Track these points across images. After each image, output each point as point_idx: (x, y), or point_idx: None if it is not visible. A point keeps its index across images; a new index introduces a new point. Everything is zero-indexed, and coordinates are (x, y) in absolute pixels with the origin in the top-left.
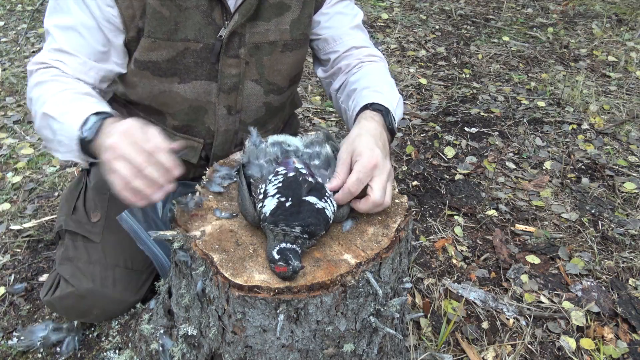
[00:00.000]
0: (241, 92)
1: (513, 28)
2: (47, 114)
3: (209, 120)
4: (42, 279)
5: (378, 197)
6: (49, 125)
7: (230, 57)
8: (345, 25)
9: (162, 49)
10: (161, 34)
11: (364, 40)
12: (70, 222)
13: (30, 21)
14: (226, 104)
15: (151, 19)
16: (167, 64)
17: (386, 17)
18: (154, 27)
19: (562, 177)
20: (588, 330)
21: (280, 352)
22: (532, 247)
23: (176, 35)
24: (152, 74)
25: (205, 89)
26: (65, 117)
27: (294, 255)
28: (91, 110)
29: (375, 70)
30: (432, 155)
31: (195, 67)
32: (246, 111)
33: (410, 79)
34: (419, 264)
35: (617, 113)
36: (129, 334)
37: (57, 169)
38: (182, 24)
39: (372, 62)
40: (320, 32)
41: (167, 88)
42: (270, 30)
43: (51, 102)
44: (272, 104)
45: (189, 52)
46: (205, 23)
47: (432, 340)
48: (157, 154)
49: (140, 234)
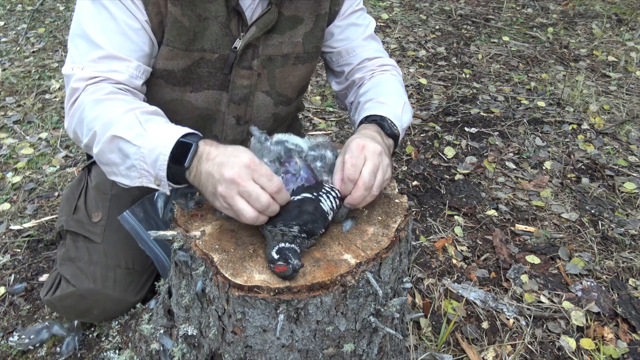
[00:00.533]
0: (251, 103)
1: (513, 28)
2: (118, 136)
3: (217, 129)
4: (42, 279)
5: (366, 178)
6: (119, 148)
7: (243, 69)
8: (358, 36)
9: (179, 59)
10: (180, 44)
11: (377, 51)
12: (71, 222)
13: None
14: (235, 114)
15: (172, 27)
16: (183, 73)
17: (386, 17)
18: (173, 37)
19: (562, 177)
20: (588, 330)
21: (280, 352)
22: (532, 247)
23: (194, 45)
24: (166, 82)
25: (216, 98)
26: (141, 140)
27: (293, 254)
28: (177, 134)
29: (384, 81)
30: (432, 155)
31: (208, 77)
32: (255, 122)
33: (410, 79)
34: (419, 264)
35: (617, 113)
36: (129, 334)
37: (57, 169)
38: (200, 34)
39: (383, 73)
40: (333, 44)
41: (178, 96)
42: (284, 43)
43: (120, 124)
44: (280, 115)
45: (204, 62)
46: (223, 34)
47: (432, 340)
48: (280, 195)
49: (141, 233)
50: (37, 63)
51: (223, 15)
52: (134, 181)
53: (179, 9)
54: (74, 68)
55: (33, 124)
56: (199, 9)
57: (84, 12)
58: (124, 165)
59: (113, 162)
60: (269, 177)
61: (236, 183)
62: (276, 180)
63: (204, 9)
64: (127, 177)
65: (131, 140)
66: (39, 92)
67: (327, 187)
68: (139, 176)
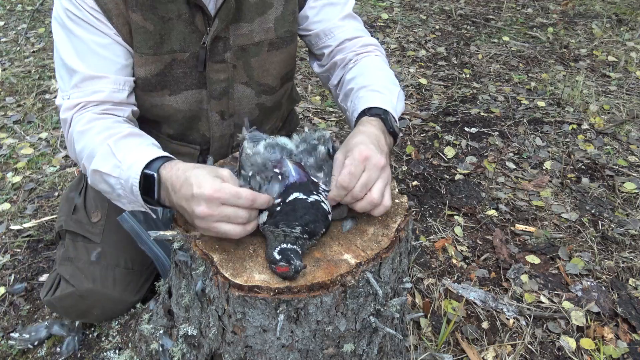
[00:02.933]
0: (232, 96)
1: (513, 28)
2: (98, 170)
3: (203, 127)
4: (42, 279)
5: (376, 197)
6: (104, 180)
7: (217, 63)
8: (335, 16)
9: (150, 64)
10: (147, 49)
11: (356, 30)
12: (70, 222)
13: (30, 21)
14: (218, 110)
15: (136, 34)
16: (156, 78)
17: (386, 17)
18: (140, 43)
19: (562, 177)
20: (588, 330)
21: (280, 352)
22: (532, 247)
23: (162, 48)
24: (142, 90)
25: (196, 97)
26: (118, 172)
27: (295, 256)
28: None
29: (372, 65)
30: (432, 155)
31: (184, 78)
32: (239, 114)
33: (410, 79)
34: (419, 264)
35: (617, 113)
36: (129, 334)
37: (57, 169)
38: (167, 35)
39: (367, 55)
40: (310, 27)
41: (158, 102)
42: (255, 31)
43: (98, 157)
44: (265, 105)
45: (177, 63)
46: (189, 31)
47: (432, 340)
48: (257, 203)
49: (141, 234)
50: (37, 63)
51: (186, 13)
52: (127, 207)
53: (140, 14)
54: (63, 97)
55: (33, 124)
56: (161, 11)
57: (57, 40)
58: (114, 194)
59: (105, 191)
60: (237, 195)
61: (209, 215)
62: (245, 195)
63: (165, 10)
64: (121, 203)
65: (110, 173)
66: (39, 92)
67: (323, 186)
68: (128, 202)
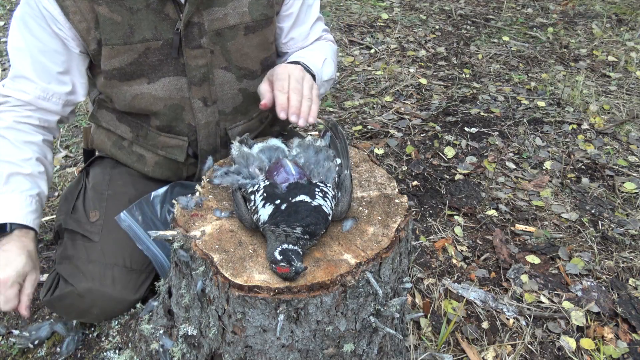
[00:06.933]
0: (213, 82)
1: (513, 28)
2: None
3: (188, 116)
4: (42, 279)
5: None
6: None
7: (194, 48)
8: (304, 34)
9: (122, 54)
10: (117, 40)
11: (320, 32)
12: (69, 221)
13: None
14: (200, 96)
15: (104, 26)
16: (131, 67)
17: (386, 17)
18: (108, 34)
19: (562, 177)
20: (588, 330)
21: (280, 352)
22: (532, 247)
23: (133, 37)
24: (120, 81)
25: (176, 84)
26: None
27: (296, 256)
28: None
29: (314, 45)
30: (432, 155)
31: (160, 65)
32: (222, 100)
33: (410, 79)
34: (419, 264)
35: (617, 113)
36: (129, 334)
37: (57, 169)
38: (136, 26)
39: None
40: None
41: (137, 91)
42: (229, 15)
43: None
44: (248, 90)
45: (151, 51)
46: (160, 19)
47: (432, 340)
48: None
49: (139, 233)
50: None
51: (154, 2)
52: None
53: (105, 6)
54: (2, 84)
55: None
56: (128, 2)
57: (12, 27)
58: None
59: None
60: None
61: None
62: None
63: (132, 2)
64: None
65: None
66: None
67: (323, 187)
68: None
